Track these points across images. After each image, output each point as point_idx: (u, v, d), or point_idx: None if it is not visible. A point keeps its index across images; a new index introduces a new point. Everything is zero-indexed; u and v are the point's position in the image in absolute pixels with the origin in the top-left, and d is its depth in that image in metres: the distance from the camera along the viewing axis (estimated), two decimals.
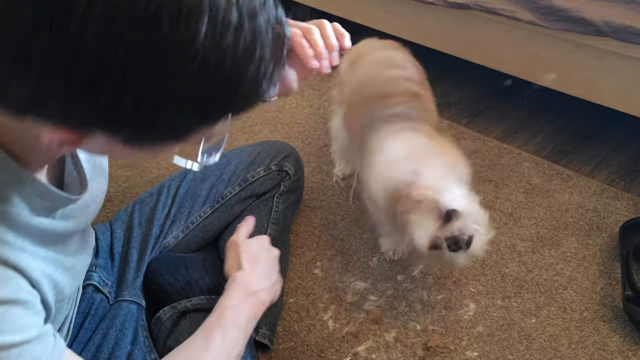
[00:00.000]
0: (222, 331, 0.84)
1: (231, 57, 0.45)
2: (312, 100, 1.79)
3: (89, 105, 0.45)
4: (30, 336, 0.57)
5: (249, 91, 0.50)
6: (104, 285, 1.00)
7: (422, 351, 1.08)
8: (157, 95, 0.45)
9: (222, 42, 0.44)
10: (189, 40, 0.43)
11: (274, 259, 0.99)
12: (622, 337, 1.09)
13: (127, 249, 1.07)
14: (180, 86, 0.45)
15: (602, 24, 1.29)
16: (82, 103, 0.45)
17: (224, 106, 0.50)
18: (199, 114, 0.49)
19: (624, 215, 1.33)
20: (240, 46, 0.45)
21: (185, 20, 0.42)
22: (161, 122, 0.48)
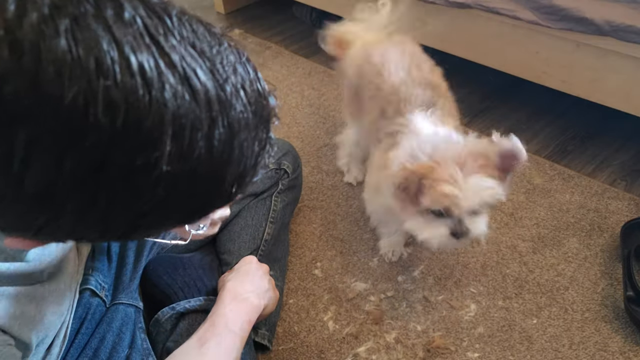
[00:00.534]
0: (217, 339, 0.83)
1: (206, 166, 0.40)
2: (312, 100, 1.79)
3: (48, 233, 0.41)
4: None
5: (232, 189, 0.44)
6: (101, 289, 0.99)
7: (422, 352, 1.08)
8: (123, 222, 0.40)
9: (191, 156, 0.38)
10: (151, 166, 0.37)
11: (263, 271, 1.01)
12: (623, 338, 1.08)
13: (123, 251, 1.07)
14: (148, 209, 0.40)
15: (604, 23, 1.28)
16: (41, 232, 0.40)
17: (206, 209, 0.45)
18: (178, 220, 0.45)
19: (625, 216, 1.32)
20: (214, 150, 0.39)
21: (145, 146, 0.36)
22: (139, 234, 0.44)
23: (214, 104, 0.38)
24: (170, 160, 0.37)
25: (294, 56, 2.02)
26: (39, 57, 0.33)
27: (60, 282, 0.74)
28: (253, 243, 1.13)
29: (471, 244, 1.28)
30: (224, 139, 0.39)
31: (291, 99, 1.79)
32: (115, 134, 0.35)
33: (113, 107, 0.35)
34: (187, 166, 0.38)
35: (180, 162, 0.38)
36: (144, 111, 0.36)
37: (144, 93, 0.35)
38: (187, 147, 0.38)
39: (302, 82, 1.88)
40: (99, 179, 0.37)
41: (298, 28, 2.24)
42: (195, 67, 0.38)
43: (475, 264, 1.24)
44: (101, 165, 0.36)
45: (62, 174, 0.36)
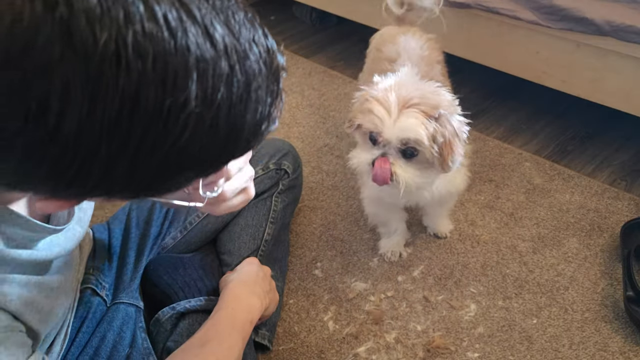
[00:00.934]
0: (219, 338, 0.84)
1: (226, 111, 0.43)
2: (312, 100, 1.79)
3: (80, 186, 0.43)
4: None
5: (249, 137, 0.47)
6: (102, 289, 0.99)
7: (422, 352, 1.08)
8: (150, 166, 0.42)
9: (215, 99, 0.41)
10: (179, 107, 0.40)
11: (264, 273, 1.01)
12: (623, 338, 1.08)
13: (124, 250, 1.07)
14: (174, 153, 0.42)
15: (604, 23, 1.28)
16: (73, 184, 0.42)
17: (224, 158, 0.48)
18: (197, 171, 0.47)
19: (625, 216, 1.32)
20: (234, 97, 0.43)
21: (173, 87, 0.39)
22: (158, 184, 0.46)
23: (232, 53, 0.42)
24: (196, 104, 0.40)
25: (294, 56, 2.02)
26: (72, 8, 0.36)
27: (67, 277, 0.74)
28: (253, 243, 1.13)
29: (471, 244, 1.28)
30: (242, 87, 0.43)
31: (291, 99, 1.79)
32: (146, 75, 0.38)
33: (142, 52, 0.37)
34: (210, 111, 0.41)
35: (205, 106, 0.41)
36: (170, 56, 0.39)
37: (169, 40, 0.38)
38: (211, 92, 0.41)
39: (302, 82, 1.88)
40: (132, 120, 0.39)
41: (298, 28, 2.24)
42: (212, 20, 0.41)
43: (475, 264, 1.24)
44: (133, 107, 0.38)
45: (96, 117, 0.38)
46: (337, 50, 2.08)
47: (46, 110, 0.37)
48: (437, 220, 1.29)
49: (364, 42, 1.42)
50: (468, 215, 1.34)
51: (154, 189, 0.47)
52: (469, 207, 1.36)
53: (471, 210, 1.36)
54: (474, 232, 1.31)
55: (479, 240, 1.29)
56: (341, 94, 1.81)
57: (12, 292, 0.59)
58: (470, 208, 1.36)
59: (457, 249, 1.27)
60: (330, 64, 2.00)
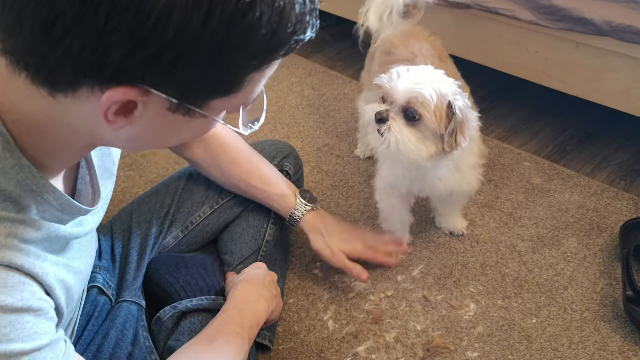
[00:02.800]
0: (227, 337, 0.84)
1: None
2: (312, 100, 1.79)
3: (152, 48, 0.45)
4: (41, 344, 0.56)
5: (296, 26, 0.51)
6: (108, 288, 1.00)
7: (422, 352, 1.08)
8: (216, 26, 0.46)
9: None
10: None
11: (272, 278, 1.02)
12: (623, 338, 1.09)
13: (127, 250, 1.07)
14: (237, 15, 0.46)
15: (603, 23, 1.28)
16: (146, 45, 0.45)
17: (274, 42, 0.51)
18: (251, 50, 0.50)
19: (624, 216, 1.33)
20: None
21: None
22: (218, 59, 0.49)
23: None
24: None
25: (294, 56, 2.02)
26: None
27: (85, 264, 0.75)
28: (255, 244, 1.14)
29: (471, 244, 1.28)
30: None
31: (291, 99, 1.79)
32: None
33: None
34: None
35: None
36: None
37: None
38: None
39: (302, 82, 1.88)
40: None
41: None
42: None
43: (475, 264, 1.24)
44: None
45: None
46: (337, 50, 2.08)
47: None
48: (451, 219, 1.30)
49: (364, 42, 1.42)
50: (468, 215, 1.35)
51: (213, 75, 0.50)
52: (468, 207, 1.36)
53: (471, 210, 1.36)
54: (474, 232, 1.31)
55: (479, 240, 1.30)
56: (341, 94, 1.81)
57: (48, 267, 0.60)
58: (469, 208, 1.37)
59: (457, 248, 1.28)
60: (330, 64, 2.00)
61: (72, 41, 0.45)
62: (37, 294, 0.58)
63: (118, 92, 0.49)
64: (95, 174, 0.73)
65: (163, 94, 0.50)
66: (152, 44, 0.45)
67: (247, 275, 1.00)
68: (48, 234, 0.60)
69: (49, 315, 0.59)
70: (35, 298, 0.57)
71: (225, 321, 0.87)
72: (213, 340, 0.83)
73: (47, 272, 0.59)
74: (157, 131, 0.57)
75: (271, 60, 0.53)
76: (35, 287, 0.58)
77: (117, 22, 0.44)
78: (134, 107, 0.51)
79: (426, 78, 0.95)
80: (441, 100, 0.93)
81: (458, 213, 1.31)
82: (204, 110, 0.54)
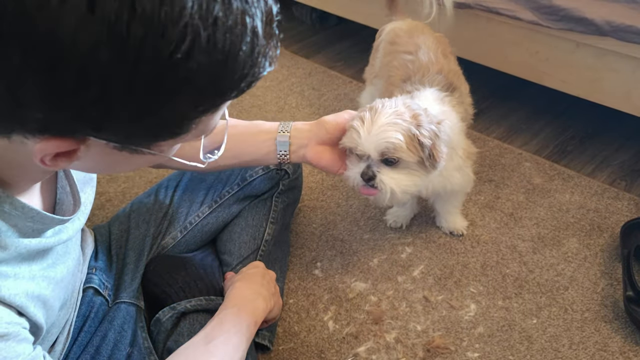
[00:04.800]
0: (225, 337, 0.84)
1: (222, 33, 0.43)
2: (312, 100, 1.79)
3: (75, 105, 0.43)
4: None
5: (246, 70, 0.47)
6: (104, 288, 1.00)
7: (422, 352, 1.08)
8: (148, 80, 0.43)
9: (210, 16, 0.42)
10: (176, 16, 0.41)
11: (270, 277, 1.02)
12: (623, 338, 1.08)
13: (124, 251, 1.07)
14: (171, 67, 0.42)
15: (603, 23, 1.28)
16: (68, 104, 0.42)
17: (220, 88, 0.47)
18: (193, 99, 0.47)
19: (625, 216, 1.32)
20: (229, 21, 0.43)
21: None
22: (155, 111, 0.45)
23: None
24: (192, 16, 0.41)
25: (294, 56, 2.02)
26: None
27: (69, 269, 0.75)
28: (253, 243, 1.14)
29: (471, 244, 1.28)
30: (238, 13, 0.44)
31: (291, 99, 1.79)
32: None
33: None
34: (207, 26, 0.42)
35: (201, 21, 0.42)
36: None
37: None
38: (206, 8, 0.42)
39: (302, 82, 1.88)
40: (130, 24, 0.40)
41: (298, 28, 2.24)
42: None
43: (475, 264, 1.24)
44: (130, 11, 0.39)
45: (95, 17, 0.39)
46: (337, 51, 2.08)
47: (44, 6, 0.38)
48: (451, 219, 1.30)
49: (364, 42, 1.42)
50: (468, 215, 1.34)
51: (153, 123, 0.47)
52: (468, 207, 1.36)
53: (471, 210, 1.36)
54: (474, 232, 1.31)
55: (479, 240, 1.29)
56: (341, 94, 1.81)
57: (18, 286, 0.60)
58: (470, 208, 1.36)
59: (457, 249, 1.28)
60: (330, 64, 2.00)
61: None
62: (4, 318, 0.57)
63: (49, 144, 0.47)
64: (74, 183, 0.73)
65: (102, 139, 0.48)
66: (74, 102, 0.42)
67: (245, 274, 1.00)
68: (17, 251, 0.59)
69: (20, 337, 0.58)
70: (2, 323, 0.56)
71: (222, 321, 0.87)
72: (210, 340, 0.83)
73: (15, 292, 0.58)
74: (107, 164, 0.56)
75: (220, 104, 0.50)
76: (2, 311, 0.57)
77: (30, 81, 0.41)
78: (75, 150, 0.49)
79: (387, 122, 0.95)
80: (409, 137, 0.95)
81: (458, 213, 1.31)
82: (153, 149, 0.52)
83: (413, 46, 1.22)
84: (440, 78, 1.15)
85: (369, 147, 0.95)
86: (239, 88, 0.49)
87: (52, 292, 0.66)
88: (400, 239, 1.31)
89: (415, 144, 0.96)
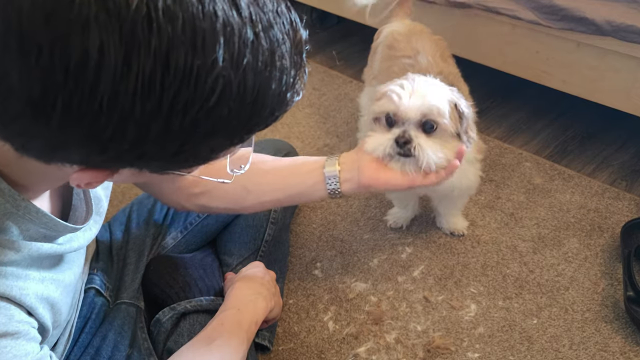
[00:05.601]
0: (226, 337, 0.84)
1: (252, 77, 0.45)
2: (312, 100, 1.79)
3: (114, 149, 0.44)
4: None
5: (274, 106, 0.48)
6: (106, 289, 0.99)
7: (422, 352, 1.07)
8: (182, 128, 0.44)
9: (241, 63, 0.43)
10: (208, 69, 0.42)
11: (270, 277, 1.02)
12: (624, 338, 1.08)
13: (125, 251, 1.07)
14: (204, 115, 0.44)
15: (604, 23, 1.28)
16: (108, 147, 0.44)
17: (250, 126, 0.49)
18: (225, 138, 0.49)
19: (625, 216, 1.32)
20: (259, 63, 0.45)
21: (202, 49, 0.41)
22: (188, 152, 0.47)
23: (257, 22, 0.44)
24: (224, 66, 0.43)
25: None
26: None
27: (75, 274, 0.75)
28: (254, 244, 1.13)
29: (471, 244, 1.28)
30: (266, 54, 0.45)
31: None
32: (176, 38, 0.41)
33: (172, 16, 0.40)
34: (237, 74, 0.44)
35: (232, 69, 0.43)
36: (198, 20, 0.41)
37: (197, 5, 0.41)
38: (237, 56, 0.43)
39: None
40: (163, 81, 0.41)
41: None
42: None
43: (475, 264, 1.24)
44: (164, 68, 0.41)
45: (131, 77, 0.40)
46: (337, 50, 2.08)
47: (85, 65, 0.39)
48: (451, 219, 1.30)
49: (364, 42, 1.42)
50: (468, 215, 1.34)
51: (185, 158, 0.49)
52: (469, 207, 1.36)
53: (471, 210, 1.36)
54: (474, 232, 1.31)
55: (479, 240, 1.29)
56: (341, 94, 1.81)
57: (29, 287, 0.60)
58: (470, 208, 1.36)
59: (457, 249, 1.27)
60: (330, 64, 2.00)
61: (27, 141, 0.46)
62: (15, 317, 0.57)
63: (86, 174, 0.49)
64: (88, 190, 0.73)
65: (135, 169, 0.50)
66: (111, 149, 0.45)
67: (245, 274, 1.00)
68: (29, 253, 0.60)
69: (29, 336, 0.59)
70: (13, 321, 0.57)
71: (223, 321, 0.87)
72: (211, 340, 0.83)
73: (26, 292, 0.59)
74: (135, 180, 0.60)
75: (248, 137, 0.52)
76: (13, 310, 0.57)
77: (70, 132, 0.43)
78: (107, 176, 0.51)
79: (431, 88, 0.96)
80: (451, 105, 0.96)
81: (459, 213, 1.31)
82: (181, 172, 0.54)
83: (412, 50, 1.22)
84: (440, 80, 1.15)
85: (411, 109, 0.93)
86: (266, 122, 0.50)
87: (61, 295, 0.67)
88: (400, 239, 1.30)
89: (455, 113, 0.95)
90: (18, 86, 0.41)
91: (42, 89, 0.40)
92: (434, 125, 0.95)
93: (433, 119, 0.94)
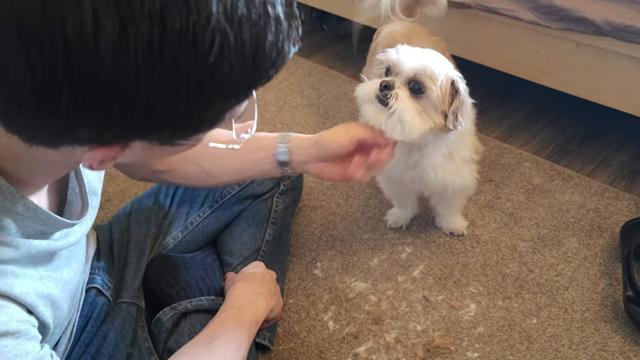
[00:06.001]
0: (227, 336, 0.84)
1: (248, 28, 0.45)
2: (312, 100, 1.79)
3: (125, 119, 0.45)
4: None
5: (273, 57, 0.49)
6: (107, 289, 1.00)
7: (422, 352, 1.08)
8: (189, 89, 0.44)
9: (235, 16, 0.43)
10: (203, 24, 0.42)
11: (270, 276, 1.02)
12: (623, 338, 1.08)
13: (125, 251, 1.07)
14: (207, 74, 0.44)
15: (603, 23, 1.28)
16: (116, 122, 0.44)
17: (252, 80, 0.49)
18: (229, 95, 0.49)
19: (625, 216, 1.32)
20: (253, 14, 0.45)
21: (195, 5, 0.41)
22: (198, 114, 0.48)
23: None
24: (219, 19, 0.42)
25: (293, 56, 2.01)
26: None
27: (75, 272, 0.75)
28: (254, 244, 1.14)
29: (471, 244, 1.28)
30: (259, 5, 0.45)
31: (291, 99, 1.79)
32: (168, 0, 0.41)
33: None
34: (233, 27, 0.43)
35: (227, 22, 0.43)
36: None
37: None
38: (231, 8, 0.43)
39: (302, 82, 1.88)
40: (162, 43, 0.41)
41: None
42: None
43: (475, 264, 1.24)
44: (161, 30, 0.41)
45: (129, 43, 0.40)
46: (336, 50, 2.08)
47: (81, 36, 0.40)
48: (451, 219, 1.30)
49: (363, 42, 1.42)
50: (468, 215, 1.34)
51: (192, 122, 0.49)
52: (468, 207, 1.36)
53: (471, 210, 1.36)
54: (474, 232, 1.31)
55: (479, 240, 1.29)
56: (341, 93, 1.81)
57: (29, 284, 0.60)
58: (470, 208, 1.36)
59: (457, 248, 1.28)
60: (330, 63, 2.00)
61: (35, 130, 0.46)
62: (16, 316, 0.58)
63: (97, 152, 0.50)
64: (84, 185, 0.73)
65: (146, 141, 0.50)
66: (122, 120, 0.45)
67: (245, 274, 1.00)
68: (28, 251, 0.60)
69: (30, 335, 0.59)
70: (13, 320, 0.57)
71: (223, 321, 0.87)
72: (212, 340, 0.83)
73: (26, 291, 0.59)
74: (145, 157, 0.60)
75: (251, 93, 0.52)
76: (14, 309, 0.57)
77: (79, 116, 0.43)
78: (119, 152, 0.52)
79: (433, 57, 0.97)
80: (447, 77, 0.95)
81: (458, 213, 1.31)
82: (190, 140, 0.54)
83: None
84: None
85: (406, 62, 0.94)
86: (268, 75, 0.50)
87: (61, 293, 0.67)
88: (400, 239, 1.31)
89: (448, 90, 0.95)
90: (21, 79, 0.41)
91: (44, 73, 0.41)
92: (421, 87, 0.95)
93: (423, 80, 0.94)
